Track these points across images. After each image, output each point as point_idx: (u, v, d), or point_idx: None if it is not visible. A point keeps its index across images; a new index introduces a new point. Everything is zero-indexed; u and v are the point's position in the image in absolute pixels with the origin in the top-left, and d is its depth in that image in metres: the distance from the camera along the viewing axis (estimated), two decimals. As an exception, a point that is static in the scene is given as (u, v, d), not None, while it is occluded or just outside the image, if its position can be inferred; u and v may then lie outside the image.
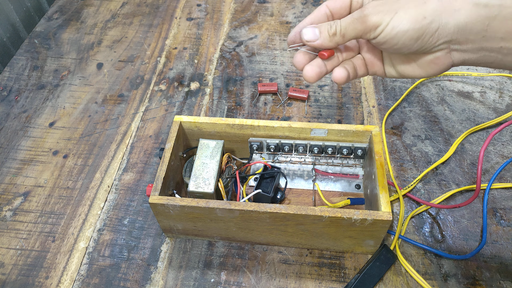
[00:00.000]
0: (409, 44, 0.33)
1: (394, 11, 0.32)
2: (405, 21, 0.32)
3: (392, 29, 0.32)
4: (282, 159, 0.59)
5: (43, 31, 0.88)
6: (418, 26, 0.32)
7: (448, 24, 0.32)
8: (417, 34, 0.32)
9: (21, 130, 0.70)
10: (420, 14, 0.32)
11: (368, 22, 0.33)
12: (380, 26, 0.32)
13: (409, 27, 0.32)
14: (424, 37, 0.32)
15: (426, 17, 0.32)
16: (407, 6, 0.32)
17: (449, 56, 0.34)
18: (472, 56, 0.33)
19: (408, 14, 0.32)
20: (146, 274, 0.53)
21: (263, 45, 0.82)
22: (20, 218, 0.58)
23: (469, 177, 0.60)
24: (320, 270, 0.52)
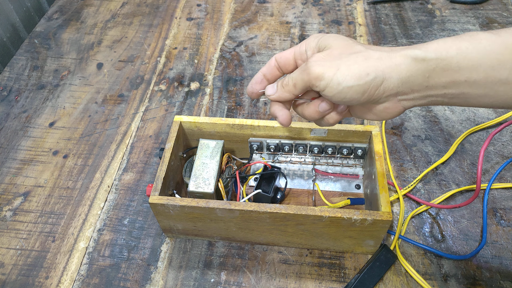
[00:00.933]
0: (357, 97, 0.34)
1: (336, 67, 0.33)
2: (349, 77, 0.33)
3: (338, 85, 0.33)
4: (282, 159, 0.59)
5: (43, 31, 0.88)
6: (363, 82, 0.33)
7: (392, 78, 0.33)
8: (363, 89, 0.33)
9: (21, 130, 0.70)
10: (363, 70, 0.33)
11: (311, 73, 0.34)
12: (324, 80, 0.34)
13: (353, 83, 0.33)
14: (370, 91, 0.34)
15: (369, 73, 0.33)
16: (348, 63, 0.33)
17: (398, 105, 0.36)
18: (421, 102, 0.35)
19: (351, 70, 0.33)
20: (146, 274, 0.53)
21: (263, 45, 0.82)
22: (20, 218, 0.58)
23: (469, 177, 0.60)
24: (320, 270, 0.52)
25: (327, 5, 0.90)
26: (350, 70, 0.33)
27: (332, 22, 0.86)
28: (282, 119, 0.39)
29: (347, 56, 0.34)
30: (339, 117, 0.40)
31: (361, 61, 0.33)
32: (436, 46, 0.32)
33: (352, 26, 0.85)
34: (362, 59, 0.34)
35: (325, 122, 0.40)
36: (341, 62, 0.34)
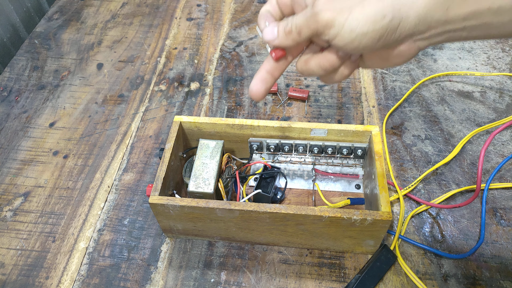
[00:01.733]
0: (371, 45, 0.31)
1: (348, 10, 0.29)
2: (363, 22, 0.29)
3: (350, 32, 0.30)
4: (282, 159, 0.59)
5: (43, 32, 0.88)
6: (379, 26, 0.29)
7: (409, 18, 0.30)
8: (378, 35, 0.30)
9: (21, 131, 0.70)
10: (379, 12, 0.29)
11: (320, 20, 0.30)
12: (334, 27, 0.30)
13: (368, 28, 0.29)
14: (386, 35, 0.30)
15: (386, 15, 0.29)
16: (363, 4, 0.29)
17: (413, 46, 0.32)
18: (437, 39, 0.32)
19: (365, 13, 0.29)
20: (146, 274, 0.53)
21: (263, 45, 0.82)
22: (21, 218, 0.59)
23: (469, 177, 0.60)
24: (320, 270, 0.52)
25: (327, 5, 0.90)
26: (364, 13, 0.29)
27: (332, 22, 0.86)
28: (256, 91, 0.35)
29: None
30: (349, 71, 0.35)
31: (374, 2, 0.29)
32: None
33: (352, 26, 0.85)
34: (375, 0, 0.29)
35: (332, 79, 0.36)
36: (353, 4, 0.29)
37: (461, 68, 0.75)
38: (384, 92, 0.72)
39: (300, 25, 0.32)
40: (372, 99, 0.71)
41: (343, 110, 0.70)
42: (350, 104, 0.70)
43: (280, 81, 0.75)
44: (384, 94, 0.72)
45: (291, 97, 0.72)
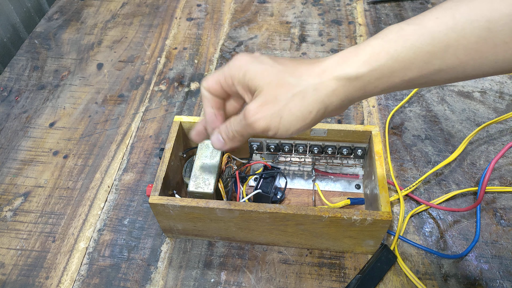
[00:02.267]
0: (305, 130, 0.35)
1: (278, 116, 0.33)
2: (294, 122, 0.33)
3: (286, 131, 0.34)
4: (282, 159, 0.59)
5: (43, 32, 0.88)
6: (308, 120, 0.33)
7: (333, 103, 0.33)
8: (310, 124, 0.34)
9: (21, 131, 0.70)
10: (305, 110, 0.33)
11: (256, 128, 0.34)
12: (271, 130, 0.34)
13: (300, 125, 0.33)
14: (316, 121, 0.34)
15: (312, 111, 0.33)
16: (289, 107, 0.33)
17: None
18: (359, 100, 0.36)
19: (294, 115, 0.33)
20: (146, 274, 0.53)
21: (263, 45, 0.82)
22: (20, 218, 0.59)
23: (469, 177, 0.60)
24: (320, 270, 0.52)
25: (327, 5, 0.90)
26: (293, 115, 0.33)
27: (332, 22, 0.86)
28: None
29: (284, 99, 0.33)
30: None
31: (299, 102, 0.33)
32: (365, 57, 0.32)
33: (352, 26, 0.85)
34: (300, 98, 0.33)
35: None
36: (281, 109, 0.33)
37: (461, 68, 0.75)
38: (384, 92, 0.72)
39: (240, 131, 0.36)
40: (372, 99, 0.71)
41: (343, 110, 0.70)
42: None
43: (280, 81, 0.75)
44: (384, 94, 0.72)
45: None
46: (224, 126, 0.38)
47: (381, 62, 0.31)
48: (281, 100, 0.33)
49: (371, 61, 0.32)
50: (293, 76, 0.33)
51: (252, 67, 0.35)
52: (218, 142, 0.38)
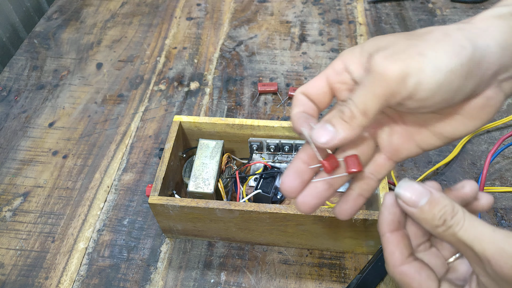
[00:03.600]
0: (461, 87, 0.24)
1: (417, 54, 0.23)
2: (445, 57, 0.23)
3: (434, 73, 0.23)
4: (282, 159, 0.59)
5: (43, 31, 0.87)
6: (464, 58, 0.23)
7: (490, 47, 0.24)
8: (466, 70, 0.23)
9: (21, 131, 0.69)
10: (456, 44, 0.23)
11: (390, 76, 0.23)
12: (411, 76, 0.23)
13: (455, 63, 0.23)
14: (474, 71, 0.24)
15: (464, 45, 0.23)
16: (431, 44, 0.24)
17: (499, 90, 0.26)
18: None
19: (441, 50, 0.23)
20: (146, 275, 0.52)
21: (263, 45, 0.82)
22: (20, 218, 0.58)
23: (470, 177, 0.60)
24: (320, 271, 0.52)
25: (327, 4, 0.90)
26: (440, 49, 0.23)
27: (332, 21, 0.86)
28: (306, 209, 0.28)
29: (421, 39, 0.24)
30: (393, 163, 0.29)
31: (442, 38, 0.24)
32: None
33: (353, 26, 0.85)
34: (441, 35, 0.24)
35: None
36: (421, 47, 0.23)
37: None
38: (385, 92, 0.72)
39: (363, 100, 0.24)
40: (373, 98, 0.71)
41: (343, 109, 0.69)
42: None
43: (280, 81, 0.75)
44: None
45: (292, 97, 0.71)
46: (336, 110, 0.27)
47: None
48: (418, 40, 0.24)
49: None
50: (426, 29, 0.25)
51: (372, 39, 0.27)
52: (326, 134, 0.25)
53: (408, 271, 0.26)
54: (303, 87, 0.29)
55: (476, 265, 0.24)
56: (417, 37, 0.24)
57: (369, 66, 0.24)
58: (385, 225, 0.27)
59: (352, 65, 0.26)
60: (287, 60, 0.79)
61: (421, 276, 0.26)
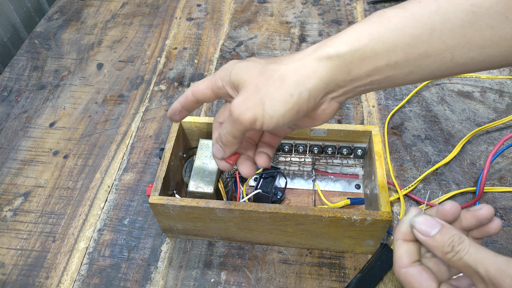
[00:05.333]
0: (294, 118, 0.33)
1: (261, 103, 0.32)
2: (277, 107, 0.32)
3: (271, 119, 0.32)
4: (282, 159, 0.59)
5: (43, 32, 0.88)
6: (291, 104, 0.32)
7: (316, 85, 0.32)
8: (295, 110, 0.32)
9: (22, 131, 0.70)
10: (285, 93, 0.32)
11: (244, 121, 0.33)
12: (258, 120, 0.33)
13: (283, 109, 0.32)
14: (301, 107, 0.33)
15: (292, 94, 0.32)
16: (269, 93, 0.32)
17: (333, 102, 0.35)
18: (352, 94, 0.34)
19: (275, 99, 0.32)
20: (146, 274, 0.53)
21: (263, 45, 0.82)
22: (21, 218, 0.59)
23: (469, 177, 0.60)
24: (320, 270, 0.52)
25: (327, 5, 0.90)
26: (274, 99, 0.32)
27: (332, 22, 0.86)
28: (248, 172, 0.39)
29: (264, 86, 0.33)
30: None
31: (279, 86, 0.32)
32: (347, 38, 0.31)
33: (352, 26, 0.85)
34: (279, 83, 0.32)
35: None
36: (263, 96, 0.32)
37: (461, 68, 0.75)
38: (384, 92, 0.72)
39: (231, 131, 0.35)
40: (372, 99, 0.71)
41: (343, 110, 0.70)
42: (350, 104, 0.70)
43: (280, 81, 0.75)
44: (384, 94, 0.72)
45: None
46: (217, 133, 0.38)
47: (363, 43, 0.31)
48: (262, 88, 0.33)
49: (353, 41, 0.31)
50: (274, 63, 0.34)
51: (237, 65, 0.36)
52: (218, 152, 0.38)
53: (411, 272, 0.31)
54: (194, 89, 0.39)
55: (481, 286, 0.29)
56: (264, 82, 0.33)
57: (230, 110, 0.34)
58: (400, 234, 0.33)
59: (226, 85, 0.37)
60: (287, 61, 0.79)
61: (422, 277, 0.31)
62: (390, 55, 0.30)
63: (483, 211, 0.33)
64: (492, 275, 0.27)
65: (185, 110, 0.41)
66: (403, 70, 0.31)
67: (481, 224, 0.34)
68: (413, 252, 0.33)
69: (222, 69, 0.37)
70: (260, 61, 0.35)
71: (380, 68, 0.31)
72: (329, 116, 0.36)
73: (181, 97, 0.40)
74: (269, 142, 0.41)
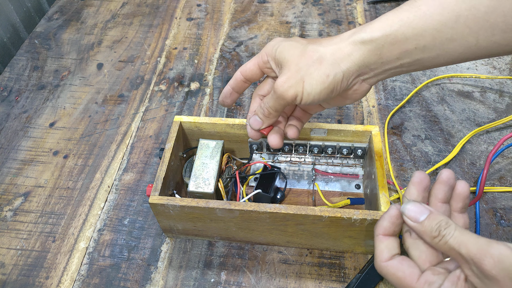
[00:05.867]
0: (328, 96, 0.38)
1: (301, 81, 0.37)
2: (314, 85, 0.36)
3: (308, 95, 0.37)
4: (282, 159, 0.59)
5: (43, 32, 0.88)
6: (327, 83, 0.36)
7: (350, 68, 0.36)
8: (330, 89, 0.37)
9: (22, 131, 0.70)
10: (323, 74, 0.36)
11: (286, 98, 0.38)
12: (297, 96, 0.37)
13: (320, 88, 0.37)
14: (336, 87, 0.37)
15: (328, 74, 0.36)
16: (309, 72, 0.37)
17: (364, 85, 0.39)
18: (383, 76, 0.38)
19: (313, 79, 0.36)
20: (146, 274, 0.53)
21: (263, 45, 0.82)
22: (21, 218, 0.59)
23: (469, 177, 0.60)
24: (320, 270, 0.52)
25: (327, 5, 0.90)
26: (313, 79, 0.36)
27: (332, 22, 0.86)
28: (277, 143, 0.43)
29: (304, 66, 0.37)
30: None
31: (317, 67, 0.36)
32: (380, 24, 0.34)
33: (352, 26, 0.85)
34: (317, 64, 0.36)
35: None
36: (303, 75, 0.37)
37: (461, 68, 0.75)
38: (384, 92, 0.72)
39: (273, 106, 0.40)
40: (372, 99, 0.71)
41: (343, 110, 0.70)
42: (350, 104, 0.70)
43: (280, 81, 0.75)
44: (384, 94, 0.72)
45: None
46: (259, 106, 0.42)
47: (395, 28, 0.33)
48: (303, 68, 0.37)
49: (385, 26, 0.34)
50: (314, 44, 0.37)
51: (282, 43, 0.39)
52: (256, 123, 0.42)
53: (392, 264, 0.34)
54: (242, 68, 0.43)
55: (465, 268, 0.30)
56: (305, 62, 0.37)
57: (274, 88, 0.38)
58: (381, 229, 0.35)
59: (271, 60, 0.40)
60: (287, 61, 0.79)
61: (403, 265, 0.33)
62: (419, 39, 0.33)
63: (443, 174, 0.35)
64: (474, 254, 0.28)
65: (235, 92, 0.45)
66: (431, 53, 0.34)
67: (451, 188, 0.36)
68: (393, 247, 0.35)
69: (268, 46, 0.40)
70: (302, 41, 0.39)
71: (410, 52, 0.34)
72: (360, 96, 0.40)
73: (231, 80, 0.44)
74: (299, 117, 0.46)
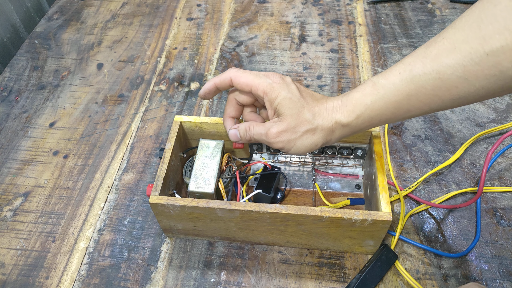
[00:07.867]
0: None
1: (293, 142, 0.44)
2: (303, 149, 0.44)
3: (293, 152, 0.45)
4: (282, 159, 0.59)
5: (43, 32, 0.88)
6: (313, 148, 0.44)
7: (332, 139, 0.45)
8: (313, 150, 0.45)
9: (22, 131, 0.70)
10: (313, 143, 0.44)
11: (275, 146, 0.44)
12: (284, 149, 0.45)
13: (306, 150, 0.45)
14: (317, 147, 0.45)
15: (317, 143, 0.44)
16: (302, 138, 0.43)
17: None
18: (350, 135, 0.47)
19: (303, 144, 0.44)
20: (146, 274, 0.53)
21: (263, 45, 0.82)
22: (21, 218, 0.59)
23: (469, 177, 0.60)
24: (320, 270, 0.52)
25: (327, 5, 0.90)
26: (303, 144, 0.44)
27: (332, 22, 0.86)
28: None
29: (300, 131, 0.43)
30: None
31: (310, 136, 0.43)
32: (350, 108, 0.42)
33: (352, 26, 0.85)
34: (310, 134, 0.43)
35: None
36: (296, 138, 0.43)
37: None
38: (384, 92, 0.72)
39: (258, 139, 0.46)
40: (372, 99, 0.71)
41: (343, 110, 0.70)
42: None
43: (280, 81, 0.75)
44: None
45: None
46: (244, 128, 0.47)
47: (362, 111, 0.41)
48: (298, 132, 0.43)
49: (355, 110, 0.42)
50: (310, 113, 0.43)
51: (283, 94, 0.43)
52: (236, 138, 0.48)
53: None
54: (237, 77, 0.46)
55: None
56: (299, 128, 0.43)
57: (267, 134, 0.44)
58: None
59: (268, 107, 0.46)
60: (287, 61, 0.79)
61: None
62: (381, 116, 0.41)
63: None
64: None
65: (218, 90, 0.48)
66: (391, 122, 0.43)
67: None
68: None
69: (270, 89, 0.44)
70: (300, 99, 0.44)
71: (375, 124, 0.43)
72: None
73: (216, 78, 0.47)
74: None
